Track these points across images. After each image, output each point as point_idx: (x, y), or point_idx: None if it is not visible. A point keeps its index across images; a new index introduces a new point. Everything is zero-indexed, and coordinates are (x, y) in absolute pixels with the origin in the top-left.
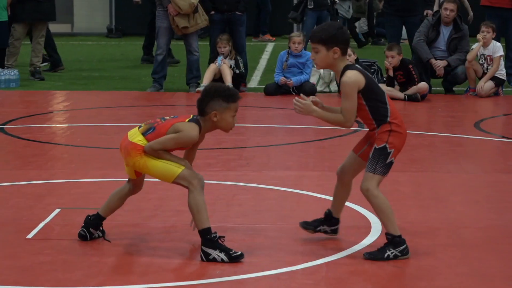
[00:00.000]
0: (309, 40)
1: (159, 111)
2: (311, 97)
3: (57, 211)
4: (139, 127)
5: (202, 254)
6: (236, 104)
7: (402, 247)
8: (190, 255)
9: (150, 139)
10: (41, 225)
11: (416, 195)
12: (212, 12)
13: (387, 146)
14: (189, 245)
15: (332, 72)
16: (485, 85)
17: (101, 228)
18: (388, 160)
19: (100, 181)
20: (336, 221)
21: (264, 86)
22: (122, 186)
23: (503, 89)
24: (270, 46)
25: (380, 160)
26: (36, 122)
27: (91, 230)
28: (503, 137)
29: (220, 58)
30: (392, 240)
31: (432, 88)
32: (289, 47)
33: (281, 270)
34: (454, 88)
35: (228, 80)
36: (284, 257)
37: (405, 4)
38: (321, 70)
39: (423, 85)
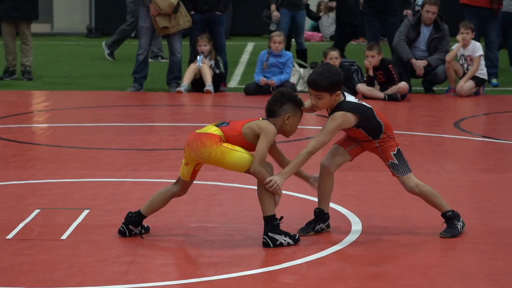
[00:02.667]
0: (311, 88)
1: (140, 111)
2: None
3: (37, 211)
4: (206, 125)
5: (268, 240)
6: (302, 111)
7: (461, 218)
8: (171, 255)
9: (224, 131)
10: (21, 225)
11: (397, 194)
12: (192, 12)
13: (399, 148)
14: (169, 245)
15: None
16: (465, 84)
17: (144, 225)
18: (405, 158)
19: (80, 181)
20: (327, 216)
21: (244, 86)
22: (168, 186)
23: (484, 88)
24: (250, 46)
25: (403, 161)
26: (16, 122)
27: (131, 227)
28: (483, 136)
29: (200, 58)
30: (453, 215)
31: (412, 88)
32: (270, 47)
33: (262, 270)
34: (434, 88)
35: (208, 80)
36: (265, 256)
37: (384, 4)
38: (301, 70)
39: (403, 84)
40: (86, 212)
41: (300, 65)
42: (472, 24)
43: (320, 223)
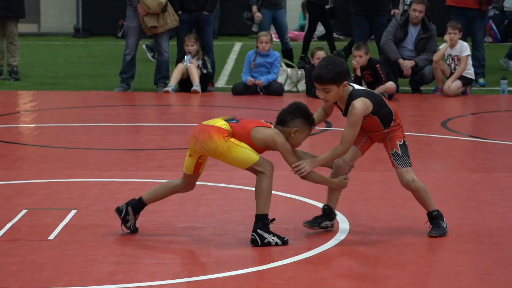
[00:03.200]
0: (317, 82)
1: (127, 111)
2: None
3: (24, 211)
4: (216, 118)
5: (256, 237)
6: (310, 131)
7: (444, 218)
8: (158, 255)
9: (233, 127)
10: (8, 225)
11: (385, 194)
12: (180, 12)
13: (405, 140)
14: (157, 245)
15: (299, 72)
16: (452, 84)
17: (137, 216)
18: (408, 152)
19: (68, 181)
20: (334, 215)
21: (231, 86)
22: (176, 179)
23: (471, 88)
24: (237, 46)
25: (406, 154)
26: (3, 123)
27: (129, 209)
28: (471, 136)
29: (187, 58)
30: (438, 214)
31: (400, 88)
32: (257, 47)
33: (250, 270)
34: (421, 88)
35: (196, 80)
36: (253, 256)
37: (372, 4)
38: (288, 70)
39: (390, 84)
40: (73, 212)
41: (288, 65)
42: (460, 24)
43: (326, 220)
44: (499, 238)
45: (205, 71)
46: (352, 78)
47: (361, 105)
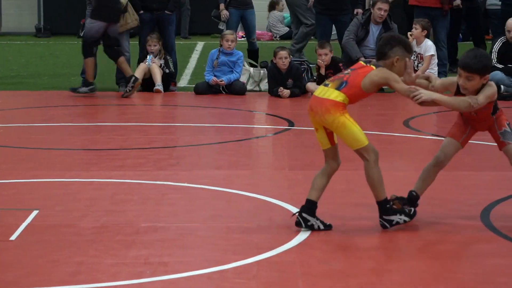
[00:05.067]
0: (463, 69)
1: (89, 110)
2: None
3: None
4: (326, 85)
5: (385, 223)
6: (410, 57)
7: None
8: (121, 255)
9: (346, 92)
10: None
11: (349, 193)
12: (141, 12)
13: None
14: (119, 245)
15: (262, 71)
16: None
17: (324, 222)
18: None
19: (30, 181)
20: (417, 204)
21: (194, 85)
22: (323, 168)
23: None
24: (200, 46)
25: None
26: None
27: (304, 215)
28: (433, 135)
29: (150, 58)
30: None
31: None
32: (221, 45)
33: (213, 270)
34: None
35: (158, 80)
36: (216, 256)
37: (334, 3)
38: (251, 69)
39: None
40: (35, 212)
41: (251, 64)
42: (425, 22)
43: (410, 206)
44: (463, 237)
45: (167, 71)
46: (315, 77)
47: (494, 86)
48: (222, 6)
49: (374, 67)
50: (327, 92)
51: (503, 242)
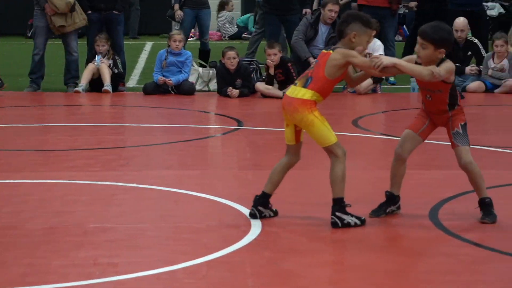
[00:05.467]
0: (419, 36)
1: (37, 111)
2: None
3: None
4: (295, 84)
5: (336, 220)
6: (372, 32)
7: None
8: (70, 256)
9: (313, 88)
10: None
11: (296, 192)
12: (89, 12)
13: (466, 122)
14: (68, 246)
15: (211, 71)
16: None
17: (272, 208)
18: (468, 133)
19: None
20: (398, 198)
21: (143, 86)
22: (281, 160)
23: (381, 86)
24: (148, 46)
25: (466, 134)
26: None
27: (260, 208)
28: (382, 134)
29: (98, 58)
30: (490, 202)
31: None
32: (169, 46)
33: (162, 270)
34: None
35: (107, 80)
36: (165, 256)
37: (283, 3)
38: (200, 69)
39: None
40: None
41: (200, 64)
42: (374, 21)
43: (391, 205)
44: (411, 235)
45: (116, 71)
46: (264, 77)
47: (450, 62)
48: (176, 6)
49: (331, 52)
50: (295, 90)
51: (450, 240)
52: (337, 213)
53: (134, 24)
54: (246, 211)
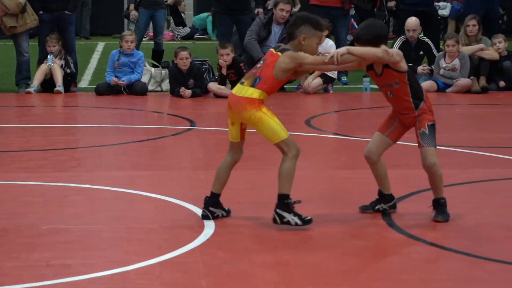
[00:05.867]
0: (356, 41)
1: None
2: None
3: None
4: (242, 83)
5: (276, 217)
6: (322, 34)
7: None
8: (23, 258)
9: (261, 87)
10: None
11: (249, 191)
12: (41, 12)
13: (434, 123)
14: (21, 248)
15: (163, 71)
16: (313, 82)
17: (224, 207)
18: (435, 134)
19: None
20: (390, 197)
21: (95, 86)
22: (224, 158)
23: (333, 86)
24: (100, 46)
25: (434, 135)
26: None
27: (211, 209)
28: (335, 133)
29: (50, 58)
30: (445, 202)
31: None
32: (121, 46)
33: (115, 271)
34: (285, 86)
35: (59, 80)
36: (118, 257)
37: (235, 3)
38: (152, 69)
39: None
40: None
41: (152, 65)
42: (326, 21)
43: (381, 203)
44: (366, 235)
45: (68, 71)
46: (216, 77)
47: (399, 51)
48: (131, 6)
49: (280, 54)
50: (243, 89)
51: (403, 239)
52: (278, 210)
53: (86, 24)
54: (199, 211)
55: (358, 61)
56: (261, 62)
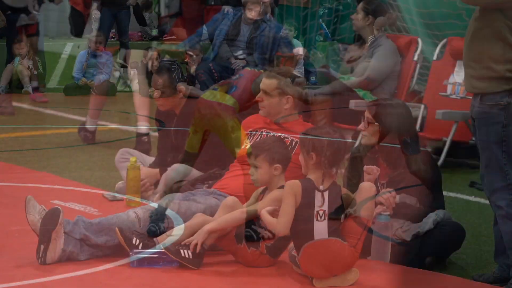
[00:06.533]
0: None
1: None
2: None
3: None
4: (214, 89)
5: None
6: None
7: None
8: None
9: (235, 95)
10: None
11: None
12: (9, 12)
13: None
14: None
15: (132, 71)
16: None
17: None
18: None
19: None
20: None
21: (63, 87)
22: None
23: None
24: (69, 47)
25: (417, 142)
26: None
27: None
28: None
29: (17, 59)
30: None
31: None
32: (89, 47)
33: (85, 272)
34: None
35: (26, 82)
36: (89, 258)
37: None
38: (121, 69)
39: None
40: None
41: (121, 65)
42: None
43: None
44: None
45: (36, 72)
46: (185, 77)
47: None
48: (94, 5)
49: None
50: (217, 95)
51: None
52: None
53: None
54: (169, 212)
55: None
56: (237, 75)
